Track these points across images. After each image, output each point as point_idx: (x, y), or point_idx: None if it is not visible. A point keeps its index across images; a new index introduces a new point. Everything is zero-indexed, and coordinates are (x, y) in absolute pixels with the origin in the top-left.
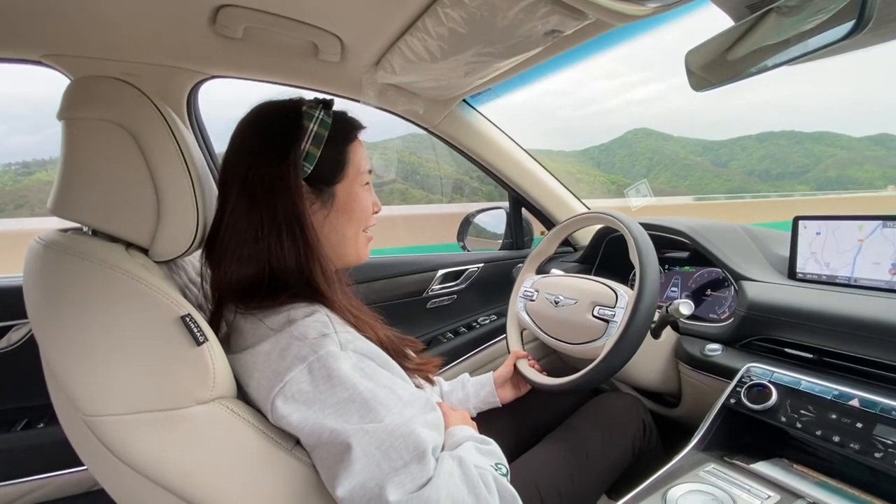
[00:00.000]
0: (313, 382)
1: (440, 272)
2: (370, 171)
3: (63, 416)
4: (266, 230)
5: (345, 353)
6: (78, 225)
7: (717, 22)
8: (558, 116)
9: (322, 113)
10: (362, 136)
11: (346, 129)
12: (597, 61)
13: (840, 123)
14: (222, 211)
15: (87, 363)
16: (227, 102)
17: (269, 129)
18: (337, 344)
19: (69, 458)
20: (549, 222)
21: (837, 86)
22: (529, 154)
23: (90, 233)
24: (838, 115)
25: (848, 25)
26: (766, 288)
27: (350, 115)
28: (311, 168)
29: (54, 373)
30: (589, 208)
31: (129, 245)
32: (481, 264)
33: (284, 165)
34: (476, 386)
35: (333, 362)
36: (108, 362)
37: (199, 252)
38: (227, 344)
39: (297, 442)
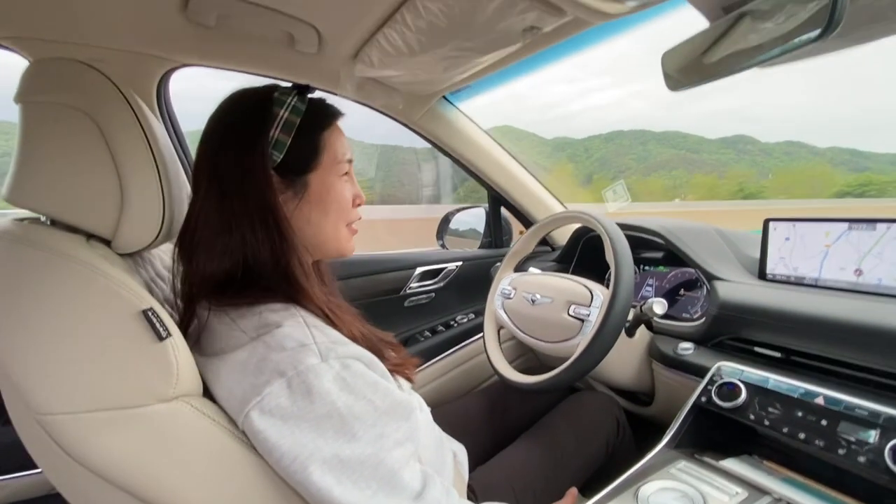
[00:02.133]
0: (292, 397)
1: (418, 270)
2: (350, 161)
3: (15, 416)
4: (238, 222)
5: (326, 364)
6: (35, 214)
7: (676, 30)
8: (522, 120)
9: (295, 99)
10: (342, 124)
11: (321, 115)
12: (554, 66)
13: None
14: (195, 203)
15: (41, 358)
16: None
17: (238, 117)
18: (317, 355)
19: (24, 460)
20: (527, 221)
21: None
22: (509, 153)
23: (48, 222)
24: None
25: (817, 30)
26: (737, 288)
27: (329, 102)
28: (281, 156)
29: (5, 369)
30: (567, 208)
31: (90, 236)
32: (460, 263)
33: (252, 154)
34: None
35: (314, 378)
36: (63, 358)
37: (167, 246)
38: (198, 344)
39: None
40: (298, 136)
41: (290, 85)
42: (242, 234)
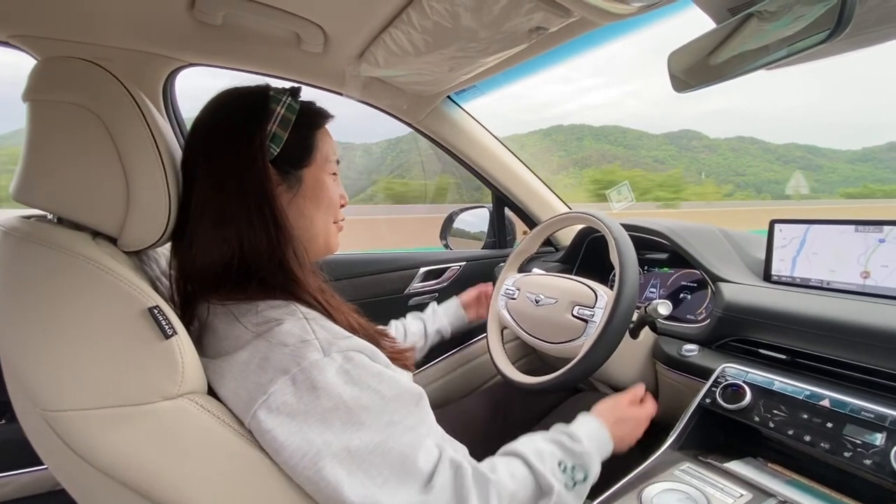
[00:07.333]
0: (297, 394)
1: (422, 270)
2: (338, 162)
3: (21, 412)
4: (235, 212)
5: (328, 358)
6: (42, 212)
7: (669, 32)
8: (516, 120)
9: (289, 98)
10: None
11: (313, 115)
12: (556, 67)
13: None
14: (188, 197)
15: (47, 355)
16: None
17: (235, 112)
18: (318, 350)
19: (31, 456)
20: (531, 222)
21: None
22: (513, 153)
23: (55, 220)
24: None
25: (826, 31)
26: (742, 289)
27: (319, 105)
28: (278, 150)
29: (12, 365)
30: (571, 208)
31: (96, 234)
32: (463, 263)
33: (250, 146)
34: (445, 307)
35: (318, 373)
36: (69, 355)
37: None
38: (200, 345)
39: None
40: (294, 132)
41: (282, 87)
42: (239, 225)
